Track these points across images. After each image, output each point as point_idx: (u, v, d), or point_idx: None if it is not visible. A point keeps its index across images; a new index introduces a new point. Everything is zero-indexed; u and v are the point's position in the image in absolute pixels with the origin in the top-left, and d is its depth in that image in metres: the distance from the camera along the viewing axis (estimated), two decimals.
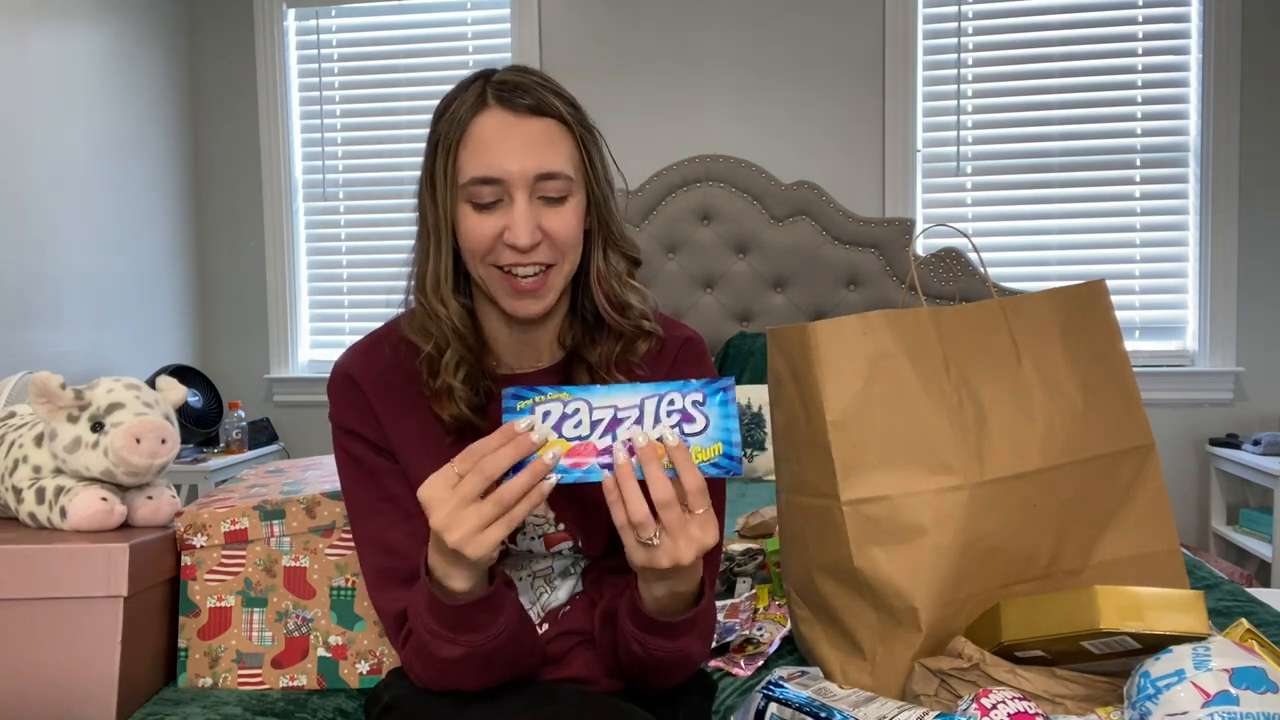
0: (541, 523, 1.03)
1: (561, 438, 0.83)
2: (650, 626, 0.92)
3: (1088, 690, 0.96)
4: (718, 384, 0.85)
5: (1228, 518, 3.04)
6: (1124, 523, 1.12)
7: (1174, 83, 3.08)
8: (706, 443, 0.84)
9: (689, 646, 0.94)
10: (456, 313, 0.97)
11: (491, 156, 0.91)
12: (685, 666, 0.98)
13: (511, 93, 0.93)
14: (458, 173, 0.93)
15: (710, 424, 0.84)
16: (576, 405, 0.83)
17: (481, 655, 0.90)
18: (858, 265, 3.15)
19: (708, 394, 0.85)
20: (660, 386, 0.85)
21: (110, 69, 3.13)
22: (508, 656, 0.93)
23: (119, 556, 1.08)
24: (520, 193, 0.92)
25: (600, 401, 0.84)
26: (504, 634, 0.90)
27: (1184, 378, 3.07)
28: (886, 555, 1.04)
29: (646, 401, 0.84)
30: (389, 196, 3.50)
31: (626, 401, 0.84)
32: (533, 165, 0.91)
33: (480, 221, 0.93)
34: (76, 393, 1.15)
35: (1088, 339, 1.14)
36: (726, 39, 3.27)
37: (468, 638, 0.89)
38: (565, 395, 0.84)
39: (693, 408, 0.84)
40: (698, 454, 0.83)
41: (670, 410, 0.84)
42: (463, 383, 0.97)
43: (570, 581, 1.07)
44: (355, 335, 3.90)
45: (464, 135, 0.93)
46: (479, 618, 0.89)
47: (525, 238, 0.91)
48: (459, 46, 3.45)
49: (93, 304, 3.04)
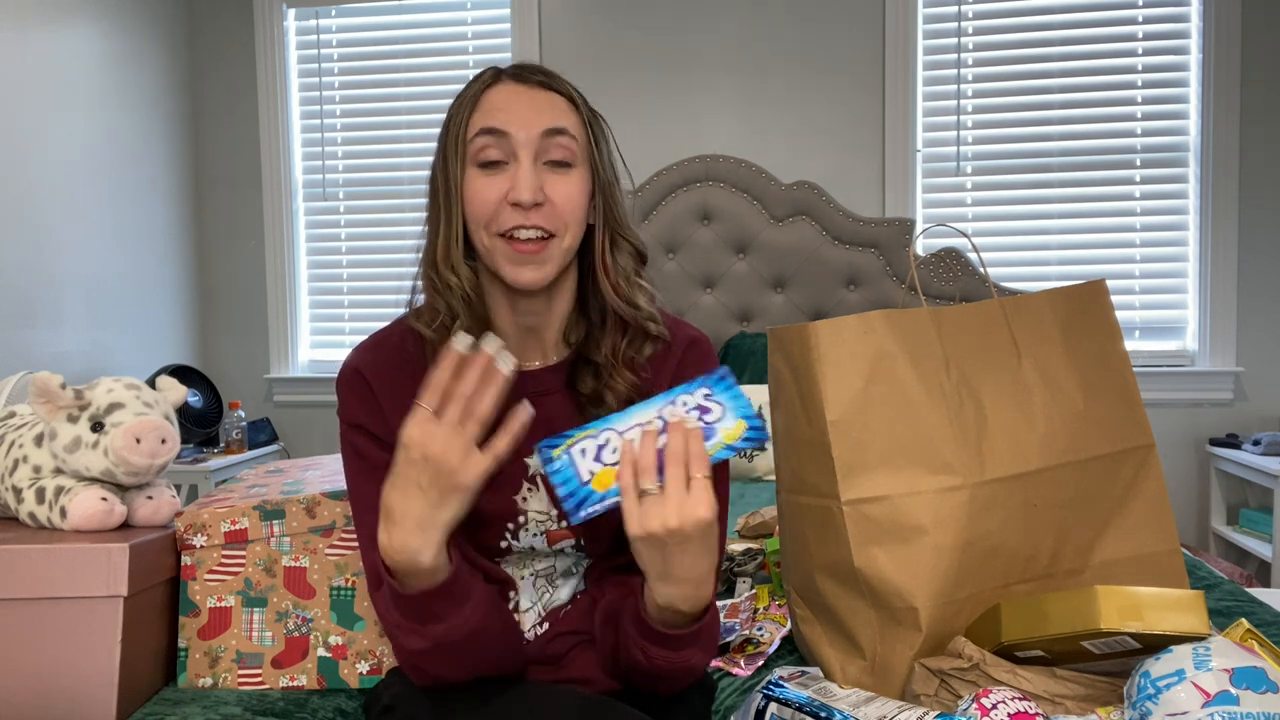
0: (544, 519, 1.03)
1: (605, 465, 0.86)
2: (654, 637, 0.92)
3: (1088, 690, 0.96)
4: (715, 375, 0.90)
5: (1228, 518, 3.04)
6: (1124, 523, 1.12)
7: (1174, 83, 3.08)
8: (729, 424, 0.87)
9: (691, 658, 0.94)
10: (468, 278, 0.98)
11: (500, 113, 0.95)
12: (687, 676, 0.98)
13: (522, 70, 0.99)
14: (466, 133, 0.96)
15: (726, 409, 0.88)
16: (606, 436, 0.87)
17: (447, 646, 0.90)
18: (858, 265, 3.15)
19: (712, 386, 0.89)
20: (667, 395, 0.89)
21: (110, 69, 3.13)
22: (475, 649, 0.93)
23: (119, 556, 1.08)
24: (525, 151, 0.95)
25: (623, 425, 0.88)
26: (468, 625, 0.90)
27: (1184, 378, 3.07)
28: (886, 555, 1.04)
29: (664, 410, 0.88)
30: (389, 196, 3.50)
31: (647, 417, 0.87)
32: (539, 122, 0.95)
33: (485, 184, 0.95)
34: (76, 393, 1.15)
35: (1088, 339, 1.14)
36: (727, 39, 3.27)
37: (431, 628, 0.89)
38: (591, 431, 0.88)
39: (706, 400, 0.88)
40: (727, 435, 0.87)
41: (688, 409, 0.88)
42: None
43: (573, 581, 1.07)
44: (355, 335, 3.89)
45: (476, 105, 0.97)
46: (438, 606, 0.89)
47: (528, 193, 0.93)
48: (459, 46, 3.45)
49: (93, 304, 3.04)
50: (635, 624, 0.93)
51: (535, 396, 1.03)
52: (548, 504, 1.02)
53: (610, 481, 0.85)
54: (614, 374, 1.01)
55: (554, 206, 0.95)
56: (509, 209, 0.94)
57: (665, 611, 0.90)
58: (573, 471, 0.86)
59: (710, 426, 0.87)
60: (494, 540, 1.03)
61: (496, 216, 0.95)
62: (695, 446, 0.84)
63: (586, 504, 0.85)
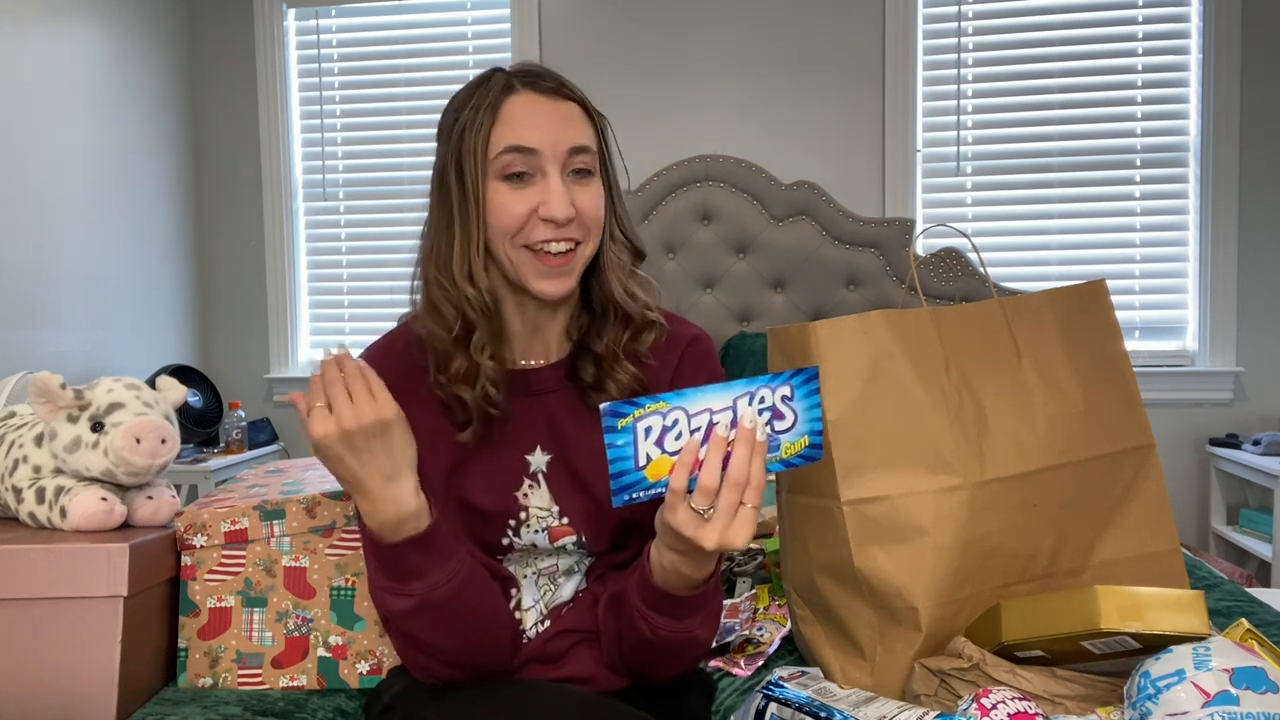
0: (546, 516, 1.03)
1: (665, 453, 0.82)
2: (658, 603, 0.92)
3: (1088, 690, 0.96)
4: (805, 374, 0.85)
5: (1228, 518, 3.04)
6: (1124, 523, 1.12)
7: (1174, 83, 3.08)
8: (794, 438, 0.85)
9: (694, 629, 0.95)
10: (488, 290, 0.98)
11: (526, 129, 0.95)
12: (689, 652, 0.98)
13: (535, 77, 0.98)
14: (490, 147, 0.95)
15: (798, 419, 0.85)
16: (675, 415, 0.82)
17: (430, 606, 0.92)
18: (858, 265, 3.15)
19: (795, 386, 0.85)
20: (751, 383, 0.84)
21: (110, 69, 3.13)
22: (459, 613, 0.94)
23: (119, 556, 1.08)
24: (553, 166, 0.95)
25: (695, 407, 0.82)
26: (452, 583, 0.92)
27: (1184, 378, 3.07)
28: (887, 555, 1.04)
29: (739, 400, 0.83)
30: (389, 196, 3.50)
31: (720, 403, 0.83)
32: (565, 139, 0.95)
33: (513, 198, 0.95)
34: (76, 393, 1.15)
35: (1088, 339, 1.14)
36: (727, 39, 3.27)
37: (412, 585, 0.91)
38: (662, 405, 0.82)
39: (782, 404, 0.84)
40: (787, 449, 0.85)
41: (762, 409, 0.84)
42: (491, 360, 0.98)
43: (575, 579, 1.07)
44: (355, 335, 3.87)
45: (496, 116, 0.95)
46: (419, 561, 0.91)
47: (562, 210, 0.93)
48: (459, 47, 3.45)
49: (93, 304, 3.04)
50: (640, 591, 0.94)
51: (538, 395, 1.04)
52: (549, 500, 1.03)
53: (664, 473, 0.82)
54: (615, 364, 1.02)
55: (582, 217, 0.96)
56: (540, 224, 0.95)
57: (669, 573, 0.90)
58: (632, 451, 0.81)
59: (776, 437, 0.84)
60: (496, 537, 1.03)
61: (524, 229, 0.95)
62: (757, 475, 0.82)
63: (634, 489, 0.81)
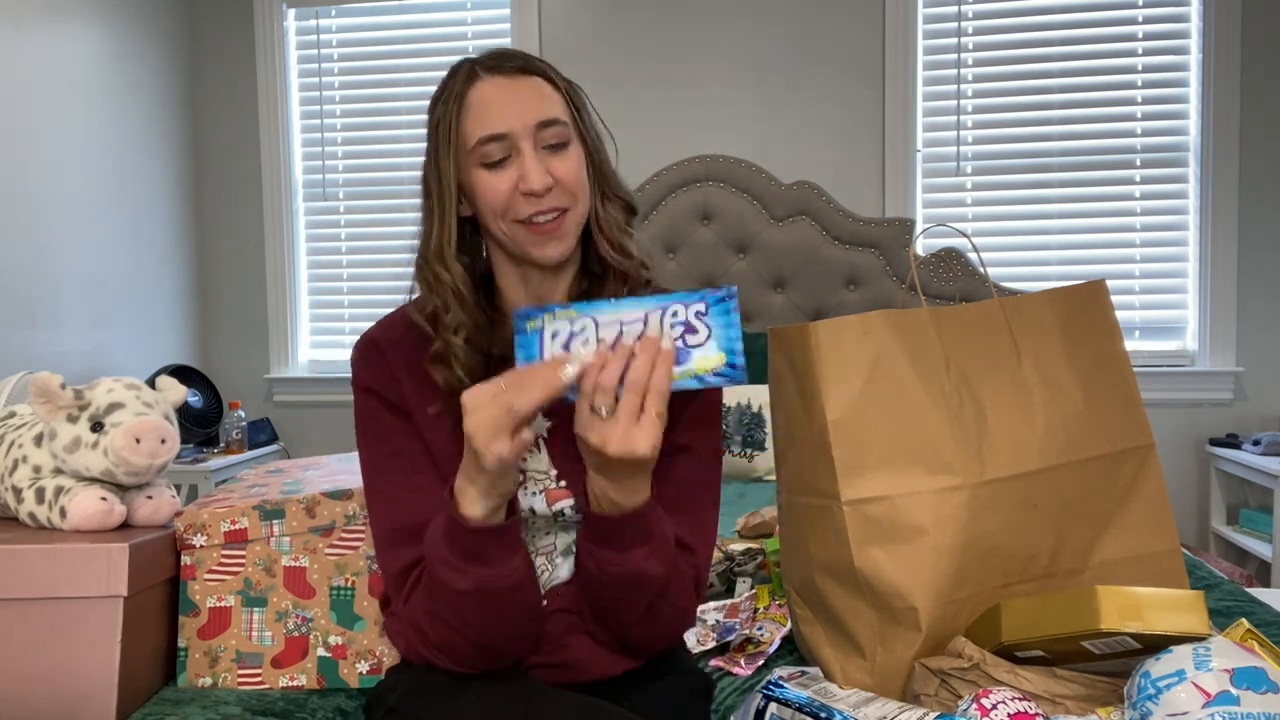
0: (543, 478, 1.05)
1: None
2: (598, 534, 0.93)
3: (1088, 690, 0.96)
4: (722, 292, 0.86)
5: (1228, 518, 3.04)
6: (1124, 523, 1.12)
7: (1174, 83, 3.08)
8: (710, 352, 0.86)
9: (639, 562, 0.93)
10: (460, 275, 1.01)
11: (493, 115, 0.98)
12: (644, 590, 0.96)
13: (497, 60, 1.01)
14: (464, 139, 0.99)
15: (713, 334, 0.86)
16: (584, 323, 0.86)
17: (486, 593, 0.92)
18: (858, 265, 3.15)
19: (710, 304, 0.86)
20: (664, 299, 0.86)
21: (110, 69, 3.13)
22: (510, 606, 0.94)
23: (119, 556, 1.08)
24: (526, 142, 0.98)
25: (606, 317, 0.86)
26: (513, 577, 0.93)
27: (1184, 378, 3.07)
28: (887, 555, 1.04)
29: (650, 315, 0.86)
30: (389, 196, 3.50)
31: (632, 315, 0.86)
32: (531, 115, 0.98)
33: (494, 180, 0.99)
34: (76, 393, 1.15)
35: (1088, 339, 1.14)
36: (727, 39, 3.27)
37: (477, 570, 0.91)
38: (572, 313, 0.86)
39: (696, 319, 0.86)
40: (701, 364, 0.85)
41: (674, 322, 0.86)
42: (464, 343, 1.00)
43: (572, 559, 1.07)
44: (355, 335, 3.90)
45: (463, 106, 0.99)
46: (491, 550, 0.91)
47: (539, 182, 0.97)
48: (459, 47, 3.45)
49: (93, 304, 3.04)
50: (584, 528, 0.96)
51: None
52: (547, 464, 1.05)
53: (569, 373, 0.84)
54: None
55: (562, 185, 0.99)
56: (522, 198, 0.99)
57: (601, 500, 0.91)
58: (537, 350, 0.86)
59: (687, 350, 0.85)
60: None
61: (512, 206, 0.99)
62: (659, 379, 0.83)
63: None
